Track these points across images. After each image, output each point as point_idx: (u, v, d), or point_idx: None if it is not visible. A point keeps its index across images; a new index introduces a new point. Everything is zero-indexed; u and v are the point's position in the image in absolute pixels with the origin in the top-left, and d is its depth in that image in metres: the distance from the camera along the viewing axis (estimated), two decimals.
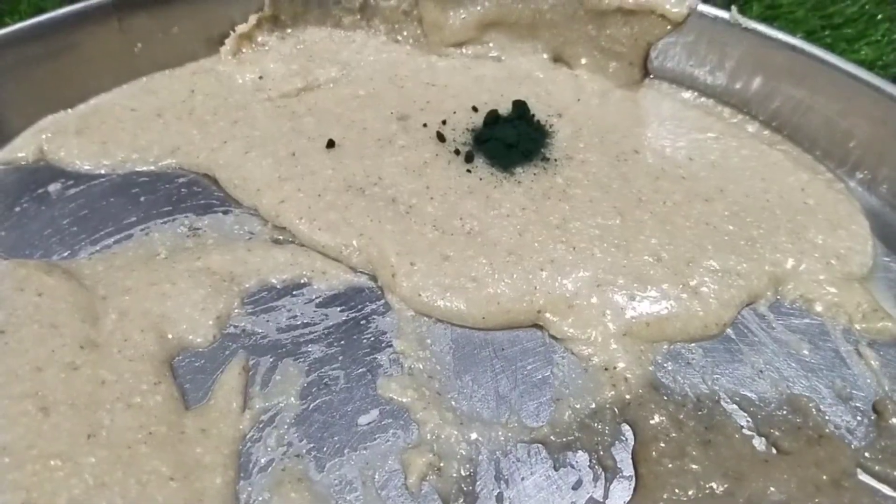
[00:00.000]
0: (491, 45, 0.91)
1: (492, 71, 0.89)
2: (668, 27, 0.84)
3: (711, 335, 0.66)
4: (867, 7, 0.95)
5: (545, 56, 0.90)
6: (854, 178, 0.79)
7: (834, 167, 0.80)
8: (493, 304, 0.65)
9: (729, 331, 0.66)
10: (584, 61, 0.89)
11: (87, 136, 0.79)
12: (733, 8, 0.81)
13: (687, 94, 0.88)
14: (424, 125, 0.81)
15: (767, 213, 0.75)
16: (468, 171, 0.77)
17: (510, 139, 0.79)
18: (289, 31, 0.88)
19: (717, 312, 0.66)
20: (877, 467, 0.58)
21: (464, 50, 0.91)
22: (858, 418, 0.61)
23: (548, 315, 0.65)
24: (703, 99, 0.87)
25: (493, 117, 0.82)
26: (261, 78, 0.86)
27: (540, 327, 0.66)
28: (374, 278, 0.68)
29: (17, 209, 0.72)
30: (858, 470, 0.58)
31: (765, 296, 0.69)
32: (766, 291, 0.69)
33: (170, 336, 0.62)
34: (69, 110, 0.81)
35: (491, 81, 0.88)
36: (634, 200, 0.74)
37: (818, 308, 0.68)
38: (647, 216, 0.73)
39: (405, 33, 0.91)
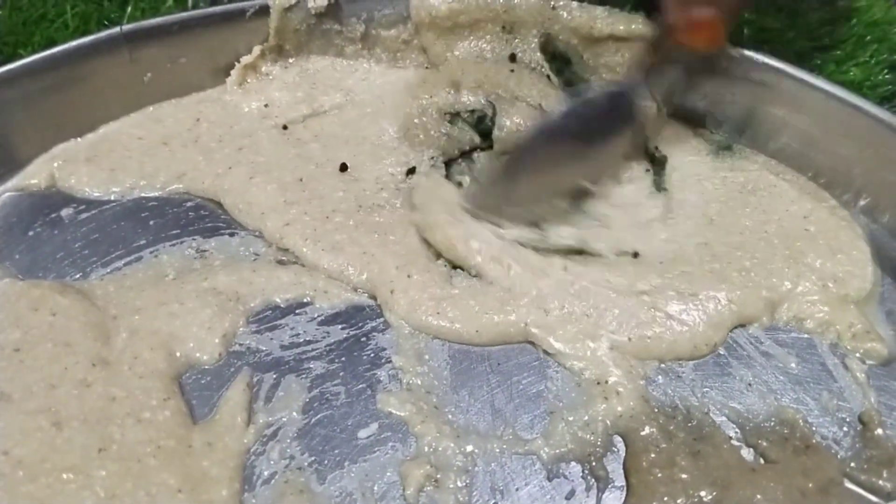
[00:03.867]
0: None
1: None
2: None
3: (701, 355, 0.68)
4: (855, 29, 0.97)
5: None
6: (857, 205, 0.79)
7: (839, 194, 0.80)
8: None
9: None
10: None
11: (96, 163, 0.81)
12: None
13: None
14: None
15: (764, 242, 0.75)
16: None
17: None
18: (291, 60, 0.90)
19: (706, 334, 0.68)
20: (862, 477, 0.60)
21: None
22: (845, 429, 0.63)
23: (535, 330, 0.68)
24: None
25: None
26: (266, 106, 0.88)
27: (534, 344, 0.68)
28: (374, 297, 0.70)
29: (31, 233, 0.74)
30: (845, 479, 0.60)
31: (759, 320, 0.70)
32: (761, 316, 0.70)
33: (178, 354, 0.64)
34: (79, 139, 0.83)
35: None
36: None
37: (809, 325, 0.70)
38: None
39: (407, 61, 0.94)
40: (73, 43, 0.81)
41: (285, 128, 0.86)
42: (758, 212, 0.78)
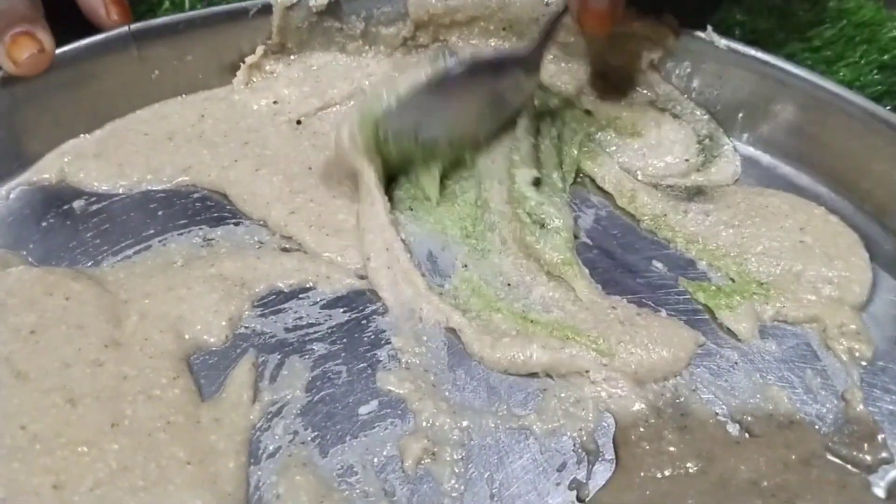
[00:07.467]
0: None
1: None
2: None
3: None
4: (845, 30, 0.99)
5: None
6: (864, 209, 0.80)
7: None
8: None
9: None
10: None
11: (104, 159, 0.83)
12: (709, 27, 0.85)
13: None
14: None
15: (758, 264, 0.74)
16: None
17: None
18: (293, 57, 0.92)
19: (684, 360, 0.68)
20: (844, 450, 0.62)
21: None
22: (828, 406, 0.65)
23: None
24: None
25: None
26: (276, 103, 0.90)
27: None
28: None
29: (45, 224, 0.77)
30: (827, 452, 0.62)
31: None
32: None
33: (186, 336, 0.67)
34: (87, 135, 0.86)
35: None
36: None
37: (795, 314, 0.71)
38: None
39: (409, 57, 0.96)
40: (83, 42, 0.83)
41: (299, 122, 0.89)
42: (751, 241, 0.76)
